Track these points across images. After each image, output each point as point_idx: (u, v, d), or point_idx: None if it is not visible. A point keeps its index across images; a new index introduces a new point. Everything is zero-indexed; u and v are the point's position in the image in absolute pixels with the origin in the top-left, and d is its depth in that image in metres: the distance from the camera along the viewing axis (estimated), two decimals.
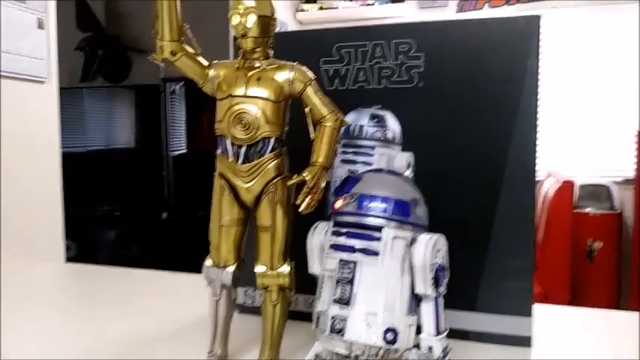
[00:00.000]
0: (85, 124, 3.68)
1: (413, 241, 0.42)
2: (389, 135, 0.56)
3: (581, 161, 3.27)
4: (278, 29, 0.50)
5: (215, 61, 0.50)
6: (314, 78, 0.48)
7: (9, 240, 1.64)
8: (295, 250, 0.48)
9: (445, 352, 0.44)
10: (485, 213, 0.54)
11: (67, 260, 2.32)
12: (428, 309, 0.43)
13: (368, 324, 0.40)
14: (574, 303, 2.64)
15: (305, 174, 0.45)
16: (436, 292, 0.42)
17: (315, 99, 0.47)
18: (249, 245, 0.50)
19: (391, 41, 0.56)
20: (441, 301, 0.43)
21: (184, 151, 3.36)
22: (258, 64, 0.48)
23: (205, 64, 0.49)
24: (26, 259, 1.67)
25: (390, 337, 0.40)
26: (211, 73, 0.49)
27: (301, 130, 0.47)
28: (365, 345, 0.40)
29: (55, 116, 1.96)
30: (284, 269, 0.48)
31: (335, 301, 0.42)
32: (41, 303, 0.75)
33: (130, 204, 3.43)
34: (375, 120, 0.56)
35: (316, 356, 0.45)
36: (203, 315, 0.54)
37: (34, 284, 0.85)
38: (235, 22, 0.47)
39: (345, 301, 0.41)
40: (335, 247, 0.43)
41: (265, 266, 0.48)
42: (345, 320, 0.41)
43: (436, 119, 0.55)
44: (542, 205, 2.80)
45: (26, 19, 1.79)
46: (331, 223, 0.44)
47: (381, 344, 0.40)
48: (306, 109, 0.48)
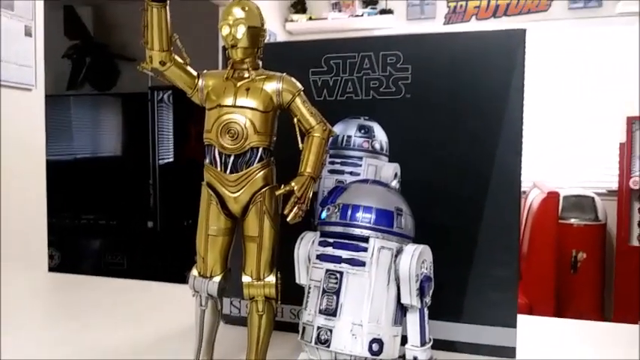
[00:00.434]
0: (72, 131, 3.65)
1: (399, 252, 0.42)
2: (376, 146, 0.56)
3: (566, 173, 3.32)
4: (267, 39, 0.50)
5: (204, 71, 0.50)
6: (302, 89, 0.48)
7: None
8: (282, 261, 0.48)
9: None
10: (471, 224, 0.55)
11: (50, 270, 2.28)
12: (413, 320, 0.43)
13: (353, 334, 0.40)
14: (559, 314, 2.66)
15: (293, 184, 0.46)
16: (421, 302, 0.42)
17: (304, 109, 0.48)
18: (235, 255, 0.50)
19: (379, 53, 0.57)
20: (426, 312, 0.43)
21: (171, 160, 3.34)
22: (247, 74, 0.48)
23: (194, 73, 0.49)
24: (7, 267, 1.65)
25: (376, 347, 0.40)
26: (200, 82, 0.49)
27: (289, 141, 0.47)
28: (350, 356, 0.40)
29: (41, 124, 1.95)
30: (270, 279, 0.48)
31: (321, 312, 0.42)
32: (23, 313, 0.74)
33: (116, 213, 3.40)
34: (363, 131, 0.56)
35: None
36: (189, 325, 0.53)
37: (15, 294, 0.83)
38: (225, 32, 0.47)
39: (331, 312, 0.41)
40: (322, 258, 0.43)
41: (252, 276, 0.48)
42: (331, 331, 0.41)
43: (423, 130, 0.56)
44: (528, 216, 2.83)
45: (13, 26, 1.78)
46: (318, 233, 0.45)
47: (367, 355, 0.40)
48: (295, 119, 0.48)
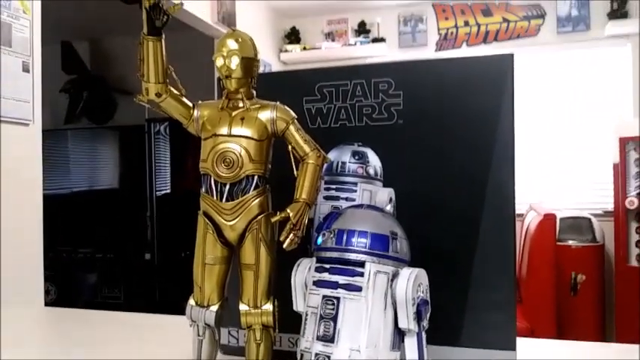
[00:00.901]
0: (69, 165, 3.66)
1: (395, 276, 0.42)
2: (370, 171, 0.57)
3: (562, 195, 3.33)
4: (262, 69, 0.51)
5: (199, 102, 0.51)
6: (296, 117, 0.49)
7: None
8: (279, 288, 0.48)
9: None
10: (465, 247, 0.55)
11: (46, 304, 2.25)
12: (411, 344, 0.43)
13: None
14: (560, 337, 2.63)
15: (288, 211, 0.46)
16: (419, 326, 0.42)
17: (298, 137, 0.48)
18: (232, 284, 0.50)
19: (370, 80, 0.58)
20: (424, 336, 0.43)
21: (168, 192, 3.34)
22: (241, 104, 0.49)
23: (190, 104, 0.50)
24: (4, 303, 1.63)
25: None
26: (196, 113, 0.50)
27: (284, 168, 0.48)
28: None
29: (38, 158, 1.95)
30: (267, 307, 0.48)
31: (318, 338, 0.41)
32: (20, 348, 0.73)
33: (113, 246, 3.38)
34: (357, 157, 0.57)
35: None
36: (187, 356, 0.53)
37: (12, 329, 0.82)
38: (219, 63, 0.48)
39: (329, 338, 0.41)
40: (318, 284, 0.43)
41: (249, 304, 0.48)
42: (329, 357, 0.40)
43: (416, 155, 0.56)
44: (525, 239, 2.83)
45: (11, 62, 1.80)
46: (314, 259, 0.45)
47: None
48: (289, 146, 0.48)
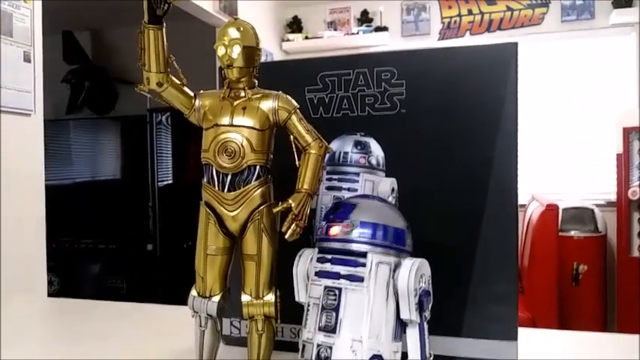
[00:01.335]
0: (71, 156, 3.66)
1: (397, 266, 0.42)
2: (373, 161, 0.56)
3: (564, 185, 3.32)
4: (263, 59, 0.51)
5: (201, 91, 0.50)
6: (298, 106, 0.49)
7: None
8: (281, 279, 0.48)
9: None
10: (468, 237, 0.55)
11: (49, 295, 2.26)
12: (413, 335, 0.42)
13: (353, 351, 0.40)
14: (562, 327, 2.63)
15: (290, 201, 0.46)
16: (421, 317, 0.42)
17: (300, 127, 0.48)
18: (234, 275, 0.50)
19: (373, 69, 0.58)
20: (426, 327, 0.43)
21: (171, 182, 3.34)
22: (243, 93, 0.49)
23: (191, 94, 0.50)
24: (7, 293, 1.64)
25: None
26: (197, 103, 0.49)
27: (286, 158, 0.47)
28: None
29: (40, 149, 1.95)
30: (270, 298, 0.48)
31: (320, 329, 0.41)
32: (23, 339, 0.73)
33: (115, 236, 3.39)
34: (359, 147, 0.57)
35: None
36: (189, 347, 0.53)
37: (15, 320, 0.83)
38: (221, 53, 0.48)
39: (331, 329, 0.41)
40: (320, 274, 0.43)
41: (251, 295, 0.48)
42: (331, 348, 0.40)
43: (418, 145, 0.56)
44: (528, 229, 2.82)
45: (13, 52, 1.80)
46: (316, 249, 0.45)
47: None
48: (291, 137, 0.48)
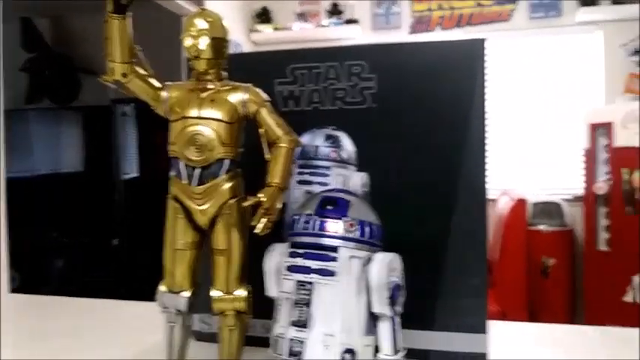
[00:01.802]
0: (32, 147, 3.54)
1: (368, 261, 0.42)
2: (344, 155, 0.56)
3: (533, 180, 3.40)
4: (232, 50, 0.50)
5: (168, 83, 0.49)
6: (268, 99, 0.48)
7: None
8: (252, 274, 0.48)
9: None
10: (438, 232, 0.55)
11: (12, 291, 2.19)
12: (385, 329, 0.43)
13: (326, 345, 0.40)
14: (532, 320, 2.71)
15: (261, 195, 0.45)
16: (392, 311, 0.42)
17: (270, 120, 0.48)
18: (204, 270, 0.49)
19: (344, 63, 0.57)
20: (398, 321, 0.43)
21: (137, 175, 3.27)
22: (211, 85, 0.48)
23: (158, 85, 0.48)
24: None
25: (348, 357, 0.40)
26: (164, 94, 0.48)
27: (256, 152, 0.47)
28: None
29: None
30: (240, 293, 0.47)
31: (292, 324, 0.41)
32: None
33: (79, 231, 3.30)
34: (330, 141, 0.57)
35: None
36: (158, 343, 0.52)
37: None
38: (188, 44, 0.47)
39: (303, 324, 0.41)
40: (292, 269, 0.43)
41: (221, 290, 0.47)
42: (303, 343, 0.40)
43: (389, 139, 0.56)
44: (498, 223, 2.89)
45: None
46: (288, 244, 0.44)
47: None
48: (261, 130, 0.47)
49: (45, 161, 3.55)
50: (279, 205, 0.45)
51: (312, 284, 0.41)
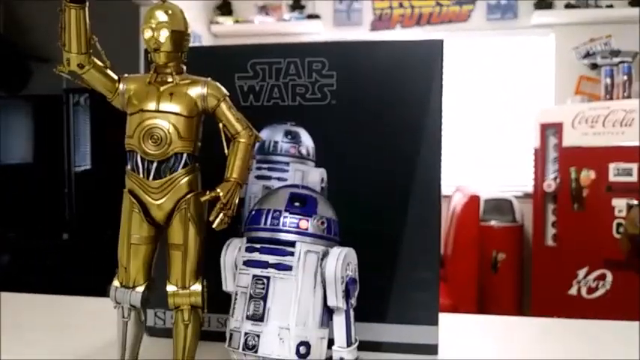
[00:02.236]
0: None
1: (325, 255, 0.43)
2: (303, 151, 0.57)
3: (486, 177, 3.51)
4: (192, 42, 0.49)
5: (125, 75, 0.48)
6: (228, 94, 0.48)
7: None
8: (208, 268, 0.48)
9: None
10: (393, 227, 0.57)
11: None
12: (339, 321, 0.44)
13: (281, 339, 0.41)
14: (482, 312, 2.80)
15: (218, 190, 0.45)
16: (347, 304, 0.43)
17: (229, 115, 0.47)
18: (158, 264, 0.48)
19: (305, 59, 0.58)
20: (352, 314, 0.44)
21: (89, 168, 3.17)
22: (170, 78, 0.47)
23: (115, 77, 0.48)
24: None
25: (303, 350, 0.41)
26: (121, 87, 0.47)
27: (214, 146, 0.47)
28: None
29: None
30: (196, 288, 0.47)
31: (248, 318, 0.41)
32: None
33: (27, 225, 3.18)
34: (290, 136, 0.57)
35: None
36: (111, 339, 0.51)
37: None
38: (147, 36, 0.46)
39: (259, 317, 0.41)
40: (248, 263, 0.43)
41: (177, 285, 0.47)
42: (259, 336, 0.41)
43: (347, 136, 0.57)
44: (451, 219, 2.96)
45: None
46: (245, 239, 0.44)
47: (294, 358, 0.41)
48: (220, 124, 0.47)
49: None
50: (236, 200, 0.45)
51: (268, 278, 0.42)
